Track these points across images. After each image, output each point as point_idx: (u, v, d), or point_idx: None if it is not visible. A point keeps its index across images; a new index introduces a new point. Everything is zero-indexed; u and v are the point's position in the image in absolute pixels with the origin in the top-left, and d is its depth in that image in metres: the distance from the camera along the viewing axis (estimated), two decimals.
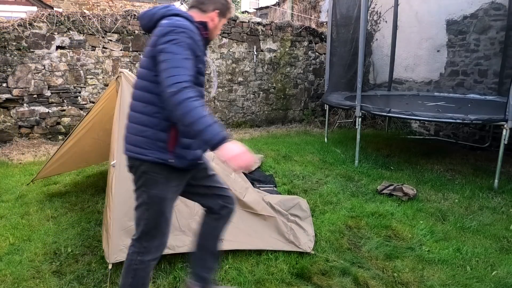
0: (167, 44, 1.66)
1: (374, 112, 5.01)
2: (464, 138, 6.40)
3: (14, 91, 5.71)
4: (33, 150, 5.53)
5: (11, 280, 2.46)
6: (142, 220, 1.86)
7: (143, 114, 1.78)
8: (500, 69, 5.82)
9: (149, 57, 1.76)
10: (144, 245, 1.87)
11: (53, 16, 5.79)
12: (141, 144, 1.78)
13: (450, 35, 6.53)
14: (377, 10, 7.80)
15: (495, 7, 5.85)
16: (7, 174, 4.51)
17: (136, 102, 1.82)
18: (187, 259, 2.70)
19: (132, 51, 6.38)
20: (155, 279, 2.50)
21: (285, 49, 7.87)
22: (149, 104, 1.77)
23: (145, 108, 1.78)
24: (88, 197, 3.86)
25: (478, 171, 4.89)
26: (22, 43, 5.65)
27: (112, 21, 6.15)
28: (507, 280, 2.53)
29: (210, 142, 1.55)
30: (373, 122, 7.94)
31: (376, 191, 4.12)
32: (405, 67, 7.34)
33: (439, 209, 3.70)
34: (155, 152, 1.77)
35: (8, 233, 3.06)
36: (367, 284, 2.50)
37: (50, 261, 2.69)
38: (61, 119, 6.09)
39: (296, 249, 2.81)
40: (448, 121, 4.45)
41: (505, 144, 4.07)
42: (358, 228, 3.29)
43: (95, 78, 6.21)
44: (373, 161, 5.16)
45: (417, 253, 2.88)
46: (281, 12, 13.13)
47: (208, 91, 7.22)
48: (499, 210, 3.71)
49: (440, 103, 5.58)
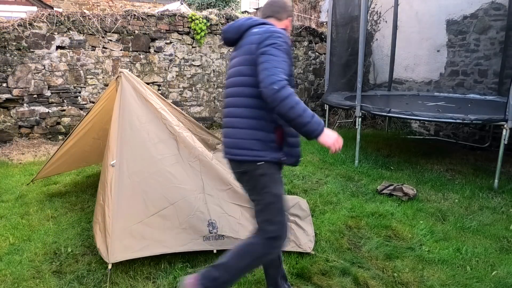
0: (268, 47, 1.83)
1: (374, 112, 5.01)
2: (464, 138, 6.39)
3: (14, 91, 5.71)
4: (33, 150, 5.53)
5: (11, 280, 2.46)
6: (274, 218, 1.93)
7: (252, 118, 1.91)
8: (500, 69, 5.82)
9: (251, 65, 1.89)
10: (277, 244, 1.95)
11: (53, 16, 5.79)
12: (255, 147, 1.90)
13: (450, 35, 6.52)
14: (377, 10, 7.80)
15: (495, 7, 5.85)
16: (7, 174, 4.51)
17: (241, 109, 1.94)
18: (187, 259, 2.70)
19: (132, 51, 6.38)
20: (155, 279, 2.50)
21: None
22: (257, 109, 1.90)
23: (254, 113, 1.91)
24: (88, 197, 3.86)
25: (478, 171, 4.89)
26: (22, 43, 5.65)
27: (112, 21, 6.15)
28: (507, 280, 2.53)
29: (315, 132, 1.78)
30: (373, 122, 7.94)
31: (376, 191, 4.12)
32: (405, 67, 7.34)
33: (439, 209, 3.70)
34: (270, 153, 1.92)
35: (8, 233, 3.06)
36: (367, 284, 2.50)
37: (50, 261, 2.69)
38: (61, 119, 6.09)
39: (296, 249, 2.81)
40: (448, 121, 4.45)
41: (505, 144, 4.06)
42: (358, 228, 3.30)
43: (95, 78, 6.21)
44: (373, 161, 5.16)
45: (417, 253, 2.88)
46: None
47: (208, 91, 7.22)
48: (499, 210, 3.71)
49: (440, 103, 5.58)
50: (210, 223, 2.71)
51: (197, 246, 2.65)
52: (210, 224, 2.71)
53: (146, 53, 6.50)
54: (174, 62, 6.76)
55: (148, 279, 2.50)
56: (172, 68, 6.77)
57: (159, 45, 6.55)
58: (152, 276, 2.52)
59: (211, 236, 2.70)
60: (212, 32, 6.98)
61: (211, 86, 7.24)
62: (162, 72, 6.70)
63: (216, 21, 6.96)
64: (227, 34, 2.10)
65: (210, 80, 7.20)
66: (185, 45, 6.80)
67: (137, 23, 6.33)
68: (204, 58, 7.03)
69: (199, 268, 2.62)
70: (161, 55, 6.62)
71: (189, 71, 6.96)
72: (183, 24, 6.67)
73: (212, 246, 2.69)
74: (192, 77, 7.01)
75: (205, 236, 2.68)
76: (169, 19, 6.55)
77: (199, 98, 7.16)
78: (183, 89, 6.97)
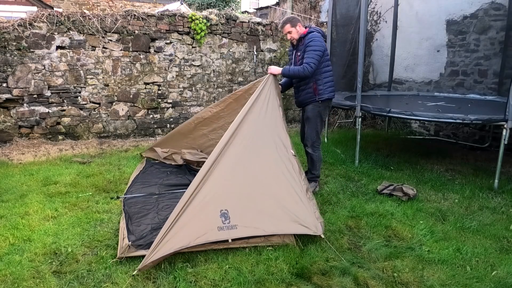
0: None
1: (374, 112, 5.01)
2: (464, 138, 6.40)
3: (14, 91, 5.71)
4: (33, 150, 5.53)
5: (11, 280, 2.46)
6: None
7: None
8: (500, 69, 5.83)
9: None
10: (317, 144, 4.12)
11: (53, 16, 5.79)
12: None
13: (450, 35, 6.53)
14: (377, 10, 7.80)
15: (495, 7, 5.86)
16: (7, 174, 4.51)
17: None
18: (187, 258, 2.70)
19: (132, 51, 6.38)
20: (155, 279, 2.50)
21: (285, 49, 7.87)
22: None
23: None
24: (88, 197, 3.86)
25: (478, 171, 4.89)
26: (22, 43, 5.65)
27: (112, 21, 6.14)
28: (507, 280, 2.53)
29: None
30: (373, 122, 7.94)
31: (376, 191, 4.12)
32: (405, 67, 7.34)
33: (439, 209, 3.70)
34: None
35: (8, 233, 3.05)
36: (367, 284, 2.50)
37: (50, 261, 2.69)
38: (61, 119, 6.09)
39: (308, 231, 2.90)
40: (448, 121, 4.45)
41: (505, 144, 4.06)
42: (358, 228, 3.30)
43: (95, 78, 6.21)
44: (373, 161, 5.16)
45: (417, 253, 2.88)
46: (281, 12, 13.13)
47: (208, 91, 7.22)
48: (499, 210, 3.71)
49: (440, 103, 5.58)
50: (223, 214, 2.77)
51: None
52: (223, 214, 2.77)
53: (146, 53, 6.50)
54: (174, 62, 6.76)
55: (148, 279, 2.50)
56: (172, 68, 6.77)
57: (159, 45, 6.55)
58: (152, 276, 2.52)
59: (225, 226, 2.75)
60: (212, 32, 6.99)
61: (211, 86, 7.24)
62: (162, 72, 6.70)
63: (216, 21, 6.96)
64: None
65: (210, 80, 7.20)
66: (185, 45, 6.80)
67: (137, 23, 6.32)
68: (204, 58, 7.03)
69: (199, 268, 2.62)
70: (161, 55, 6.62)
71: (189, 71, 6.96)
72: (183, 24, 6.67)
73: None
74: (192, 77, 7.01)
75: (219, 227, 2.74)
76: (169, 19, 6.55)
77: (199, 98, 7.16)
78: (183, 89, 6.97)
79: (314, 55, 3.75)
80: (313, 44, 3.77)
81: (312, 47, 3.77)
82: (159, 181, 4.24)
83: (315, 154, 4.09)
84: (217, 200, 2.82)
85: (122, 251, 2.71)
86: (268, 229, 2.84)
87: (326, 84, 3.95)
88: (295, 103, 4.25)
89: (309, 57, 3.76)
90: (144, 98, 6.63)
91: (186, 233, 2.62)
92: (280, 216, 2.92)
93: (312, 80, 3.91)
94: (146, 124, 6.76)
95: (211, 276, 2.54)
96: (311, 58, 3.75)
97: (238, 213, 2.81)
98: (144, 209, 3.47)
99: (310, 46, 3.78)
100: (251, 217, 2.84)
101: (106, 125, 6.44)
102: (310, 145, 4.08)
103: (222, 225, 2.73)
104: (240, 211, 2.83)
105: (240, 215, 2.81)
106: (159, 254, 2.51)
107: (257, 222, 2.83)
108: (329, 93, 3.99)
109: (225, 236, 2.72)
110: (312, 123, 4.04)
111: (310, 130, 4.06)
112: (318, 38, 3.81)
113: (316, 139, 4.09)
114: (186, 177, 4.38)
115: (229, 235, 2.73)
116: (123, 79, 6.42)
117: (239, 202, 2.88)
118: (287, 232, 2.92)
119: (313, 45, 3.77)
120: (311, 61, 3.74)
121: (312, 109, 4.01)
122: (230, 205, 2.82)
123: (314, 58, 3.75)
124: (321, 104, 3.99)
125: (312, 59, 3.74)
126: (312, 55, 3.75)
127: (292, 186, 3.12)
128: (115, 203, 3.71)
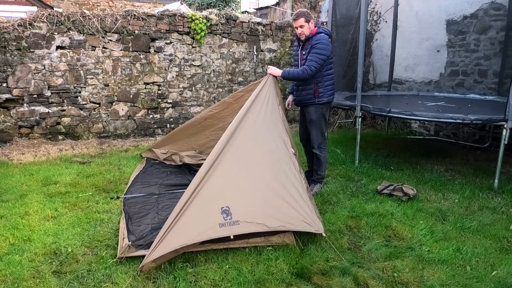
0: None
1: (374, 112, 5.01)
2: (464, 138, 6.40)
3: (14, 91, 5.71)
4: (33, 150, 5.53)
5: (11, 280, 2.46)
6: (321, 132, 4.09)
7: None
8: (500, 69, 5.82)
9: None
10: (324, 145, 4.13)
11: (53, 16, 5.79)
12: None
13: (450, 35, 6.53)
14: (377, 10, 7.80)
15: (495, 7, 5.86)
16: (7, 174, 4.51)
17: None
18: (187, 258, 2.70)
19: (132, 51, 6.38)
20: (155, 279, 2.50)
21: (285, 49, 7.87)
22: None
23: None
24: (88, 197, 3.86)
25: (478, 171, 4.89)
26: (22, 43, 5.65)
27: (112, 21, 6.14)
28: (507, 280, 2.53)
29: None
30: (373, 122, 7.93)
31: (376, 191, 4.12)
32: (405, 67, 7.34)
33: (439, 209, 3.70)
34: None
35: (8, 233, 3.05)
36: (367, 284, 2.50)
37: (50, 261, 2.69)
38: (61, 119, 6.09)
39: (310, 229, 2.89)
40: (448, 121, 4.45)
41: (505, 144, 4.06)
42: (358, 228, 3.30)
43: (95, 78, 6.21)
44: (373, 161, 5.16)
45: (417, 253, 2.88)
46: (281, 12, 13.13)
47: (208, 91, 7.22)
48: (499, 210, 3.71)
49: (440, 103, 5.58)
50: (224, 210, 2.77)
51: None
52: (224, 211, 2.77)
53: (146, 53, 6.50)
54: (174, 62, 6.76)
55: (148, 279, 2.50)
56: (172, 68, 6.77)
57: (159, 45, 6.55)
58: (152, 276, 2.52)
59: (226, 223, 2.74)
60: (212, 32, 6.98)
61: (211, 86, 7.24)
62: (162, 72, 6.70)
63: (216, 21, 6.96)
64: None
65: (210, 80, 7.20)
66: (185, 45, 6.80)
67: (137, 23, 6.32)
68: (204, 58, 7.03)
69: (199, 268, 2.62)
70: (161, 55, 6.62)
71: (189, 71, 6.96)
72: (183, 24, 6.67)
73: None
74: (192, 77, 7.01)
75: (221, 223, 2.73)
76: (169, 19, 6.55)
77: (199, 98, 7.16)
78: (183, 89, 6.97)
79: (317, 59, 3.69)
80: (319, 47, 3.70)
81: (317, 50, 3.70)
82: (159, 181, 4.24)
83: (322, 155, 4.08)
84: (218, 197, 2.81)
85: (122, 251, 2.71)
86: (271, 225, 2.81)
87: (327, 87, 3.94)
88: (294, 101, 4.24)
89: (312, 59, 3.70)
90: (144, 98, 6.63)
91: (187, 230, 2.61)
92: (283, 212, 2.91)
93: (313, 82, 3.88)
94: (146, 124, 6.76)
95: (211, 276, 2.54)
96: (314, 62, 3.69)
97: (239, 209, 2.79)
98: (144, 209, 3.47)
99: (315, 48, 3.71)
100: (253, 213, 2.82)
101: (106, 125, 6.44)
102: (317, 146, 4.07)
103: (223, 222, 2.71)
104: (242, 208, 2.81)
105: (241, 211, 2.79)
106: (160, 252, 2.50)
107: (259, 218, 2.81)
108: (328, 97, 3.97)
109: (227, 232, 2.69)
110: (316, 125, 4.02)
111: (316, 132, 4.05)
112: (325, 41, 3.73)
113: (322, 140, 4.09)
114: (186, 177, 4.38)
115: (231, 231, 2.70)
116: (123, 79, 6.42)
117: (241, 198, 2.87)
118: (290, 227, 2.89)
119: (320, 48, 3.69)
120: (313, 64, 3.68)
121: (315, 112, 3.99)
122: (231, 202, 2.80)
123: (317, 62, 3.69)
124: (322, 105, 3.99)
125: (315, 63, 3.69)
126: (315, 58, 3.69)
127: (293, 183, 3.12)
128: (115, 203, 3.71)
